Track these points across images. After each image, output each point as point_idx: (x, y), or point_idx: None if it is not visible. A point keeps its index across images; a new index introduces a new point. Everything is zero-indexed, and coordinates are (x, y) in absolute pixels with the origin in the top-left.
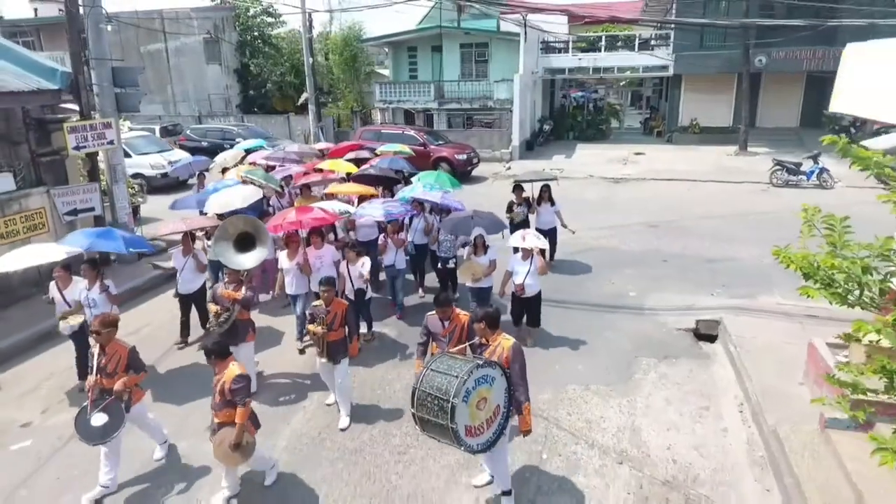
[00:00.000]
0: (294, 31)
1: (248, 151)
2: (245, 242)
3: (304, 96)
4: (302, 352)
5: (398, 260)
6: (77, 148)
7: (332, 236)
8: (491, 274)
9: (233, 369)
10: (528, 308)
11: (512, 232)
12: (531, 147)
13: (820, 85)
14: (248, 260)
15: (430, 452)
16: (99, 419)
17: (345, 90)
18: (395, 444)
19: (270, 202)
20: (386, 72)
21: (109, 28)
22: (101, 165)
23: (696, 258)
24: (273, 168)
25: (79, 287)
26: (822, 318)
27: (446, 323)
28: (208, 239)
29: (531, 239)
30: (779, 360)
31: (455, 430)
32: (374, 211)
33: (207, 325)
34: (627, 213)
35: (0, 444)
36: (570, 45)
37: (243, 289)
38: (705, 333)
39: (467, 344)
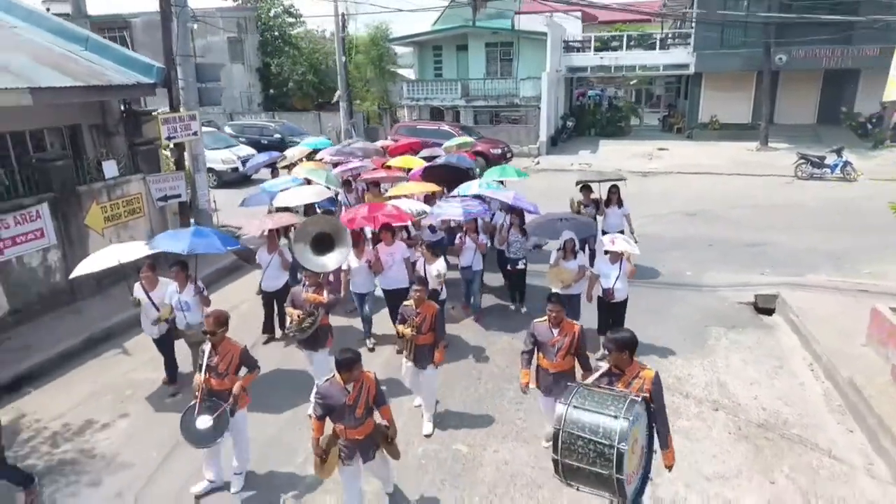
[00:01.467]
0: (311, 31)
1: (315, 150)
2: (321, 243)
3: (337, 94)
4: (372, 349)
5: (475, 261)
6: (169, 138)
7: (404, 234)
8: (581, 280)
9: (369, 374)
10: (615, 314)
11: None
12: (555, 143)
13: (837, 82)
14: (331, 261)
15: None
16: (203, 422)
17: (362, 89)
18: (511, 397)
19: (339, 197)
20: (402, 71)
21: (196, 27)
22: None
23: (737, 243)
24: (339, 164)
25: (167, 289)
26: (873, 293)
27: (555, 331)
28: (286, 237)
29: (621, 243)
30: (838, 328)
31: (622, 481)
32: (453, 210)
33: (286, 330)
34: (661, 204)
35: (158, 397)
36: (592, 43)
37: (325, 292)
38: (763, 307)
39: (599, 373)
